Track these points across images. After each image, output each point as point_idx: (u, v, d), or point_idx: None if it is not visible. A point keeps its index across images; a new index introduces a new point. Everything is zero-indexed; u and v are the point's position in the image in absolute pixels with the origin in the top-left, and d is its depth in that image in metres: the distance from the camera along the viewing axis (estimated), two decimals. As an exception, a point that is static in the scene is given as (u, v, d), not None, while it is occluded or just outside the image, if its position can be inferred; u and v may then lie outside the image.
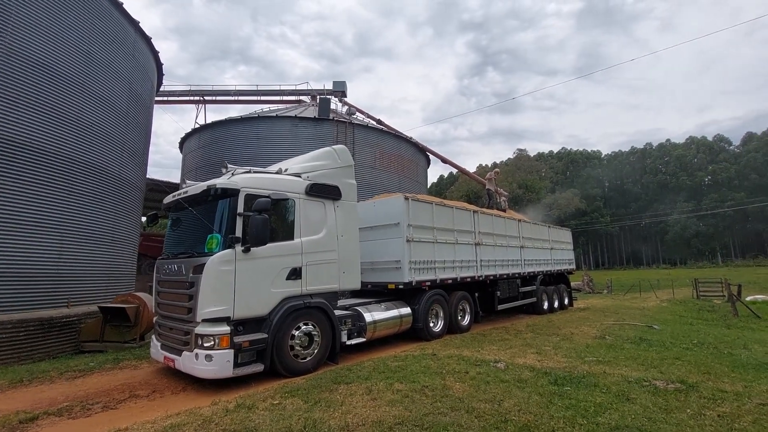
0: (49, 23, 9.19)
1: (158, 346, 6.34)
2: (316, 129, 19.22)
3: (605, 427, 3.84)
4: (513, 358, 6.80)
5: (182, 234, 6.79)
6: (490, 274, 10.87)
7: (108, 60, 11.06)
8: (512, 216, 13.75)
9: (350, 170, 7.74)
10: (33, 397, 5.48)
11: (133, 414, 4.71)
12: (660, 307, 16.40)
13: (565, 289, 15.61)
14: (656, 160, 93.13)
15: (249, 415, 4.23)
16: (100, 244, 10.58)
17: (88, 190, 10.18)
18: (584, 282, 28.15)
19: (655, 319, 12.32)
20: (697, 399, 4.64)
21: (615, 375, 5.63)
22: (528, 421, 3.97)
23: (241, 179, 6.06)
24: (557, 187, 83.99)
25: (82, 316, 8.98)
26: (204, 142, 20.43)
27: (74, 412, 4.83)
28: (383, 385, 5.12)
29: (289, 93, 26.15)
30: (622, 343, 8.17)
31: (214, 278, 5.46)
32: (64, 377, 6.49)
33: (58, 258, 9.19)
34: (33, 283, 8.60)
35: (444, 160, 25.61)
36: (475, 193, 55.57)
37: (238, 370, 5.48)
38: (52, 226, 9.08)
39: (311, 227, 6.71)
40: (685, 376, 5.59)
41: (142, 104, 13.31)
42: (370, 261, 8.62)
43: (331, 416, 4.12)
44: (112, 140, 11.25)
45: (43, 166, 8.93)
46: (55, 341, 8.41)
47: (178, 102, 26.48)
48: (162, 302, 6.45)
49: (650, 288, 26.61)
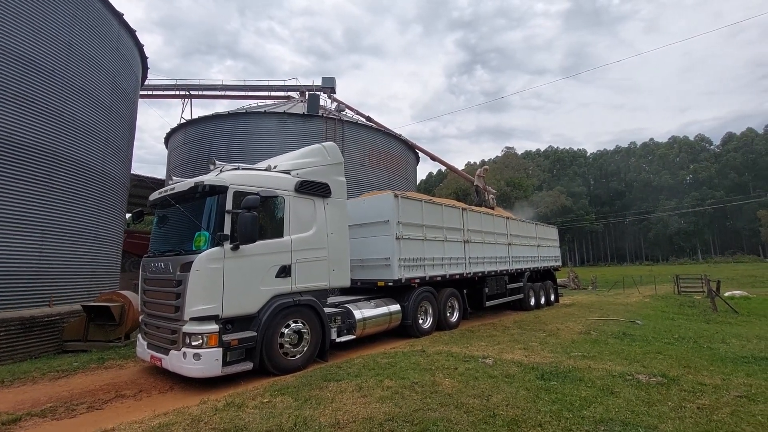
0: (29, 14, 8.93)
1: (144, 345, 6.27)
2: (305, 125, 19.08)
3: (590, 420, 3.93)
4: (501, 353, 6.89)
5: (169, 231, 6.71)
6: (479, 271, 10.97)
7: (91, 53, 10.80)
8: (500, 214, 13.89)
9: (340, 167, 7.72)
10: (15, 398, 5.36)
11: (119, 414, 4.65)
12: (643, 303, 16.76)
13: (552, 285, 15.86)
14: (640, 159, 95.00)
15: (239, 414, 4.21)
16: (83, 242, 10.37)
17: (70, 185, 9.95)
18: (570, 278, 28.60)
19: (638, 314, 12.60)
20: (677, 392, 4.78)
21: (600, 369, 5.75)
22: (516, 415, 4.03)
23: (230, 176, 5.99)
24: (544, 185, 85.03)
25: (64, 315, 8.79)
26: (190, 137, 20.11)
27: (58, 412, 4.74)
28: (373, 382, 5.15)
29: (278, 89, 25.86)
30: (607, 338, 8.34)
31: (202, 276, 5.40)
32: (46, 378, 6.35)
33: (40, 255, 8.97)
34: (13, 281, 8.38)
35: (433, 157, 25.69)
36: (463, 191, 55.84)
37: (226, 368, 5.45)
38: (32, 223, 8.85)
39: (301, 225, 6.67)
40: (667, 369, 5.74)
41: (126, 98, 13.04)
42: (359, 258, 8.63)
43: (321, 413, 4.13)
44: (95, 135, 11.01)
45: (23, 161, 8.69)
46: (37, 341, 8.21)
47: (163, 96, 25.90)
48: (148, 300, 6.36)
49: (633, 284, 27.20)
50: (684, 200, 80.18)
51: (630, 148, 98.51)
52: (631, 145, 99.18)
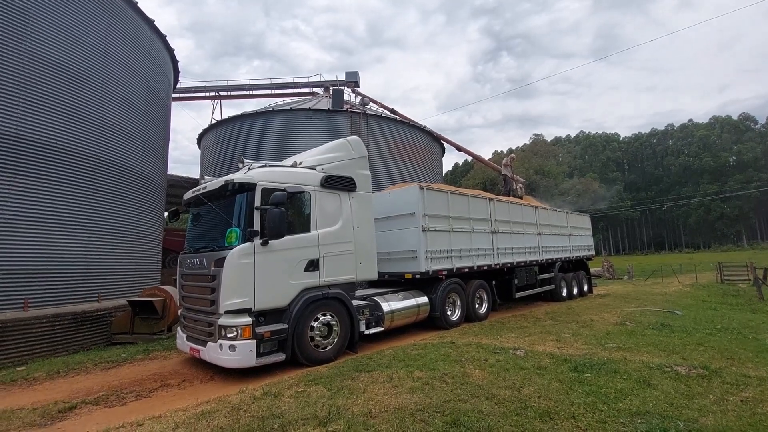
0: (66, 24, 9.39)
1: (184, 338, 6.57)
2: (330, 121, 19.26)
3: (626, 412, 3.86)
4: (532, 345, 6.82)
5: (203, 229, 6.95)
6: (507, 262, 10.82)
7: (125, 59, 11.27)
8: (529, 203, 13.60)
9: (364, 161, 7.77)
10: (70, 387, 5.78)
11: (165, 402, 4.94)
12: (682, 293, 16.09)
13: (585, 275, 15.45)
14: (678, 141, 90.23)
15: (275, 402, 4.38)
16: (126, 240, 10.93)
17: (112, 187, 10.49)
18: (604, 268, 27.71)
19: (677, 304, 12.12)
20: (720, 384, 4.61)
21: (636, 361, 5.61)
22: (548, 407, 4.01)
23: (258, 173, 6.15)
24: (575, 172, 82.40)
25: (112, 310, 9.36)
26: (221, 137, 20.72)
27: (110, 400, 5.09)
28: (404, 373, 5.22)
29: (303, 85, 26.16)
30: (644, 329, 8.09)
31: (234, 271, 5.59)
32: (98, 368, 6.81)
33: (87, 254, 9.54)
34: (65, 278, 8.96)
35: (459, 148, 25.37)
36: (491, 181, 54.99)
37: (260, 359, 5.65)
38: (80, 224, 9.41)
39: (327, 219, 6.78)
40: (708, 361, 5.54)
41: (160, 102, 13.56)
42: (386, 251, 8.68)
43: (353, 403, 4.24)
44: (133, 138, 11.53)
45: (69, 166, 9.23)
46: (88, 334, 8.80)
47: (194, 98, 26.75)
48: (186, 295, 6.65)
49: (672, 273, 26.08)
50: (727, 183, 75.72)
51: (667, 131, 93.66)
52: (668, 127, 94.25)
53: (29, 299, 8.16)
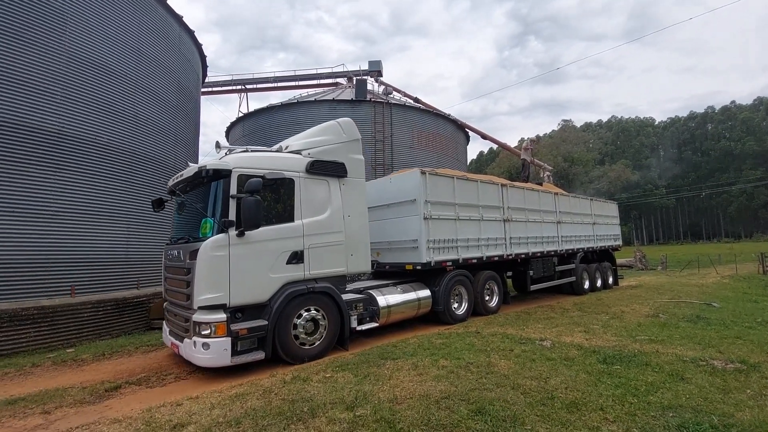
0: (100, 23, 9.74)
1: (167, 332, 6.37)
2: (354, 111, 19.28)
3: (657, 406, 3.79)
4: (559, 336, 6.74)
5: (185, 218, 6.61)
6: (522, 253, 10.22)
7: (156, 55, 11.62)
8: (548, 189, 12.83)
9: (357, 144, 7.20)
10: (114, 369, 6.16)
11: (201, 384, 5.20)
12: (721, 284, 15.39)
13: (610, 267, 14.64)
14: (719, 125, 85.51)
15: (305, 387, 4.55)
16: (161, 230, 11.40)
17: (147, 180, 10.93)
18: (636, 258, 26.78)
19: (714, 296, 11.64)
20: (758, 379, 4.45)
21: (669, 354, 5.47)
22: (575, 398, 3.99)
23: (234, 159, 5.73)
24: (607, 158, 79.54)
25: (150, 297, 9.83)
26: (248, 129, 21.15)
27: (151, 381, 5.41)
28: (428, 361, 5.30)
29: (326, 76, 26.26)
30: (677, 321, 7.84)
31: (207, 264, 5.26)
32: (139, 351, 7.22)
33: (127, 244, 10.03)
34: (107, 267, 9.47)
35: (484, 136, 24.97)
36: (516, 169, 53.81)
37: (236, 358, 5.34)
38: (119, 215, 9.88)
39: (314, 207, 6.33)
40: (747, 355, 5.33)
41: (189, 96, 13.94)
42: (387, 240, 8.37)
43: (380, 389, 4.35)
44: (166, 132, 11.94)
45: (107, 160, 9.67)
46: (129, 319, 9.30)
47: (222, 92, 27.37)
48: (168, 288, 6.39)
49: (710, 263, 24.92)
50: (773, 169, 71.41)
51: (707, 113, 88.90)
52: (708, 109, 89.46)
53: (76, 286, 8.68)
